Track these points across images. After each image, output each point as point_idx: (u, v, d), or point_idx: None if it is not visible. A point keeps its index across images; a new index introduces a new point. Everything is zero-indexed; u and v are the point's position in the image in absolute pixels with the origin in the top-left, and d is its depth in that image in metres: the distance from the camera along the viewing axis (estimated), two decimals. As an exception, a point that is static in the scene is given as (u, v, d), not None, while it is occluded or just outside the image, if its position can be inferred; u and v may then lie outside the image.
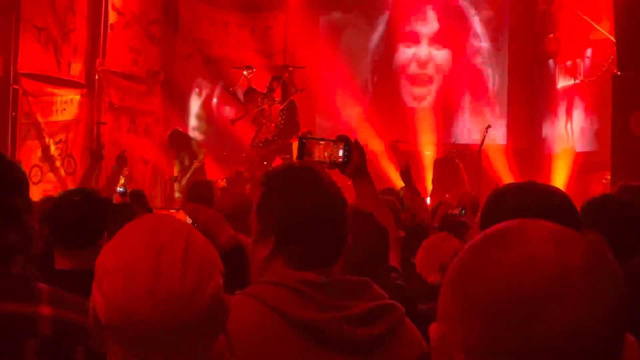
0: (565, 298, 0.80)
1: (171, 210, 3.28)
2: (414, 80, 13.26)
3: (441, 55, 13.17)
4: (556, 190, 1.87)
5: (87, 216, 2.64)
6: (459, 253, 0.92)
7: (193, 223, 3.20)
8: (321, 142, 2.23)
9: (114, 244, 1.18)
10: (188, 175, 11.15)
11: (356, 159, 2.21)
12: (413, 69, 13.26)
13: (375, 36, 13.55)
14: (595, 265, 0.83)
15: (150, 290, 1.11)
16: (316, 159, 2.21)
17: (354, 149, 2.22)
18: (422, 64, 13.23)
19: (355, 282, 1.68)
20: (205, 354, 1.19)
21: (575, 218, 1.78)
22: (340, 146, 2.20)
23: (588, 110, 11.48)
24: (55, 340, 1.68)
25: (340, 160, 2.20)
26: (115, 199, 6.20)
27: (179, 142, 11.48)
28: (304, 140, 2.25)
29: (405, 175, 5.35)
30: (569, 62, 11.77)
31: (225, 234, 2.36)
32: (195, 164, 11.27)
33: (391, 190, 6.37)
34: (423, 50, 13.22)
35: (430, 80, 13.18)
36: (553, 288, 0.81)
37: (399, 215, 5.01)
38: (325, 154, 2.20)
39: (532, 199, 1.77)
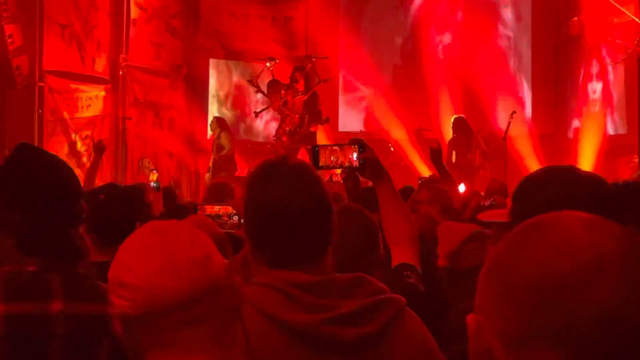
0: (602, 283, 0.81)
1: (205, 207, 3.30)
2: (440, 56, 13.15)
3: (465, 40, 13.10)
4: (592, 176, 1.83)
5: (115, 214, 2.68)
6: (495, 247, 0.93)
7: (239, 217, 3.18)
8: (334, 147, 2.21)
9: (123, 245, 1.26)
10: (211, 169, 11.18)
11: (371, 161, 2.18)
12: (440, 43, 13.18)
13: (403, 20, 13.49)
14: (630, 250, 0.84)
15: (168, 261, 1.18)
16: (331, 164, 2.20)
17: (368, 151, 2.19)
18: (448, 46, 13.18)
19: (347, 279, 1.61)
20: (223, 336, 1.23)
21: (609, 205, 1.74)
22: (354, 149, 2.17)
23: (614, 93, 11.35)
24: None
25: (355, 163, 2.17)
26: (149, 194, 6.28)
27: (220, 127, 11.49)
28: (317, 148, 2.22)
29: (436, 155, 4.92)
30: (593, 45, 11.63)
31: None
32: (214, 157, 11.28)
33: (431, 180, 5.98)
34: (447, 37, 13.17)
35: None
36: (589, 273, 0.82)
37: (451, 205, 4.72)
38: (340, 159, 2.19)
39: (566, 185, 1.74)
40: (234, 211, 3.00)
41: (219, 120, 11.71)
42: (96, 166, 5.44)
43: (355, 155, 2.17)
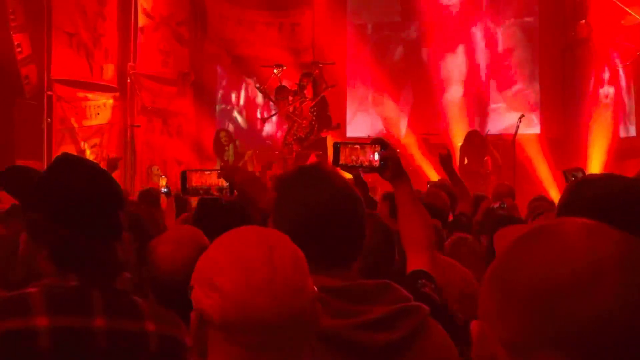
0: (599, 287, 0.82)
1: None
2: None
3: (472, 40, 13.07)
4: (636, 183, 1.84)
5: None
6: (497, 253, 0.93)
7: (229, 186, 3.07)
8: (356, 146, 2.18)
9: (223, 243, 1.23)
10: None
11: (393, 162, 2.15)
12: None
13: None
14: (628, 255, 0.84)
15: (268, 281, 1.16)
16: (351, 164, 2.17)
17: (389, 150, 2.16)
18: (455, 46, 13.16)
19: (374, 285, 1.63)
20: (302, 354, 1.23)
21: None
22: (376, 149, 2.14)
23: (622, 96, 11.31)
24: (162, 356, 1.70)
25: (376, 163, 2.14)
26: (162, 200, 6.34)
27: (227, 141, 11.52)
28: (338, 145, 2.19)
29: (446, 161, 4.93)
30: (601, 48, 11.59)
31: (264, 195, 2.28)
32: (240, 164, 11.33)
33: (440, 184, 5.96)
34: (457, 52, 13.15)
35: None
36: (587, 278, 0.83)
37: (447, 210, 4.72)
38: (361, 158, 2.16)
39: (611, 191, 1.75)
40: (225, 184, 2.89)
41: (228, 133, 11.78)
42: None
43: (376, 155, 2.14)
